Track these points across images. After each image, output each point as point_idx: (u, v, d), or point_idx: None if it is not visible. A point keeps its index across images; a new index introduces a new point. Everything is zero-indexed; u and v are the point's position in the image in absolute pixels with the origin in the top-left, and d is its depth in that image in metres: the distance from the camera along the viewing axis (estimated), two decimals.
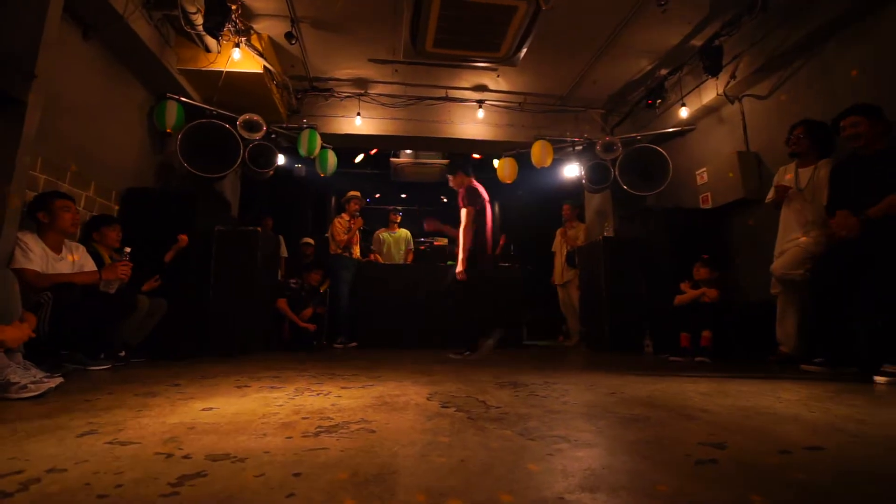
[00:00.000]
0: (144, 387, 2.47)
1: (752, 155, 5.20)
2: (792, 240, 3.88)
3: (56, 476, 1.14)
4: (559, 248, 7.16)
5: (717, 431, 1.55)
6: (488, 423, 1.68)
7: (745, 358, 4.31)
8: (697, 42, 5.44)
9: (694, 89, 5.85)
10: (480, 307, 4.61)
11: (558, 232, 7.28)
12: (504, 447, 1.39)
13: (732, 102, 5.47)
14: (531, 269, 8.25)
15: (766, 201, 4.17)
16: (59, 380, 2.30)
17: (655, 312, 5.14)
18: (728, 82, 5.30)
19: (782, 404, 2.03)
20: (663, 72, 6.07)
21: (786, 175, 4.05)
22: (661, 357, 4.66)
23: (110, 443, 1.41)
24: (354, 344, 6.08)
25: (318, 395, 2.27)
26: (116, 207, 4.63)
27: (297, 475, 1.14)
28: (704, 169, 5.72)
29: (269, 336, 5.46)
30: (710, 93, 5.63)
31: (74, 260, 3.43)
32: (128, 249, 3.55)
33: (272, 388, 2.48)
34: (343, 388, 2.50)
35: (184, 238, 4.50)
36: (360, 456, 1.29)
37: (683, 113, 5.93)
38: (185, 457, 1.27)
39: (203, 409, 1.90)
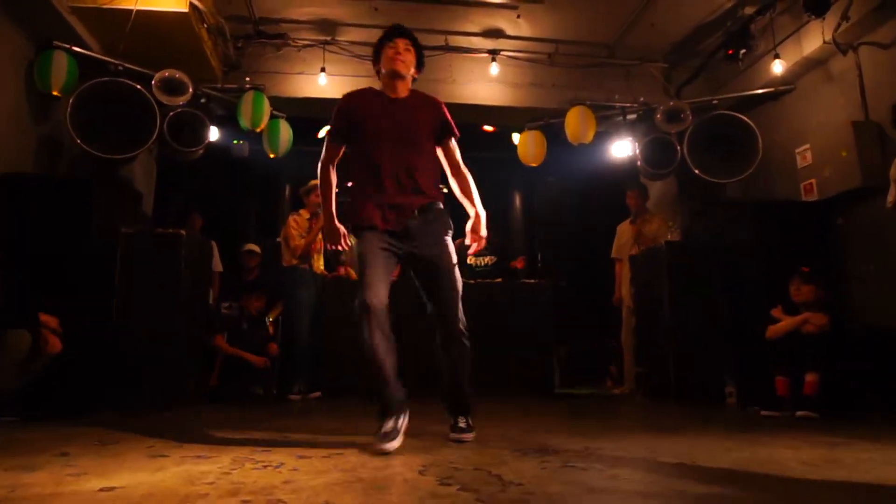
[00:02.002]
0: (17, 457, 2.45)
1: (872, 126, 5.18)
2: None
3: None
4: (625, 251, 6.98)
5: None
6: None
7: (867, 411, 4.29)
8: None
9: (791, 35, 5.86)
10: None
11: (623, 229, 7.10)
12: None
13: (845, 53, 5.47)
14: (565, 284, 8.25)
15: (889, 205, 4.17)
16: None
17: (740, 348, 5.11)
18: (839, 25, 5.29)
19: None
20: (749, 10, 6.08)
21: None
22: (748, 410, 4.63)
23: None
24: (317, 394, 6.05)
25: (264, 467, 2.25)
26: None
27: None
28: (807, 146, 5.71)
29: (199, 382, 5.45)
30: (813, 40, 5.63)
31: None
32: None
33: (199, 457, 2.46)
34: (301, 457, 2.48)
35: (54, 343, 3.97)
36: None
37: (777, 68, 5.94)
38: None
39: (101, 490, 1.88)
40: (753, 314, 4.90)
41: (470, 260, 6.92)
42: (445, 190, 3.29)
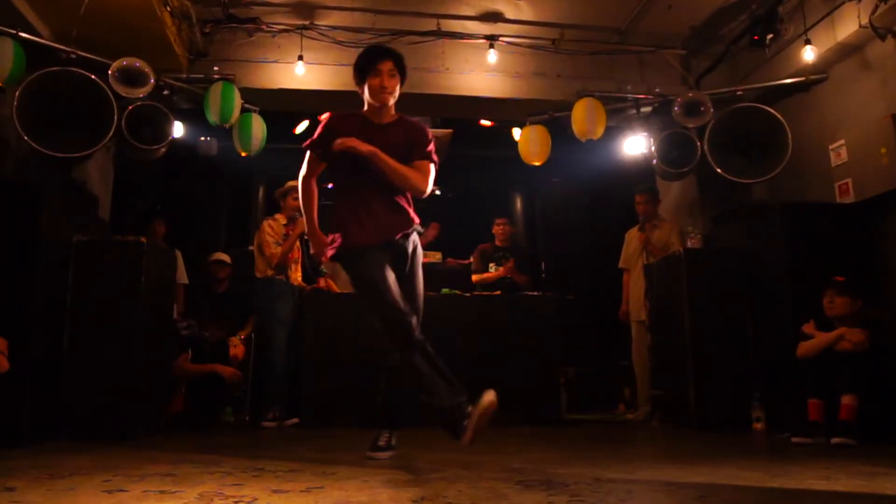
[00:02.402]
0: None
1: None
2: None
3: None
4: (634, 261, 7.04)
5: None
6: None
7: None
8: None
9: (824, 18, 5.90)
10: None
11: (631, 236, 7.12)
12: None
13: (884, 38, 5.50)
14: (572, 298, 8.26)
15: None
16: None
17: (768, 368, 5.13)
18: (876, 7, 5.32)
19: None
20: None
21: None
22: (777, 437, 4.64)
23: None
24: (294, 421, 6.05)
25: (235, 503, 2.25)
26: None
27: None
28: (842, 142, 5.75)
29: (159, 408, 5.44)
30: (848, 24, 5.67)
31: None
32: None
33: (163, 492, 2.46)
34: (275, 491, 2.48)
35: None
36: None
37: (808, 55, 5.97)
38: None
39: None
40: (783, 330, 4.92)
41: (492, 267, 7.04)
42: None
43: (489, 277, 7.09)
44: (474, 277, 7.14)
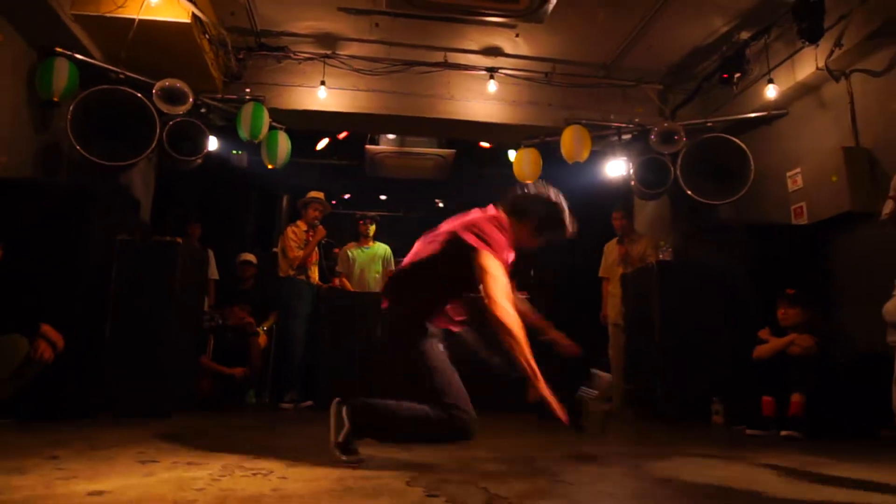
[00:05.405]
0: (8, 460, 2.46)
1: (862, 152, 5.23)
2: None
3: None
4: (612, 270, 7.05)
5: None
6: None
7: (850, 432, 4.30)
8: None
9: (785, 60, 5.91)
10: None
11: (610, 248, 7.14)
12: None
13: (837, 80, 5.52)
14: (559, 300, 8.24)
15: (883, 216, 4.19)
16: None
17: (729, 368, 5.13)
18: (831, 52, 5.34)
19: None
20: (744, 35, 6.14)
21: None
22: (735, 429, 4.64)
23: None
24: (309, 403, 6.05)
25: (254, 474, 2.26)
26: None
27: None
28: (798, 170, 5.76)
29: (190, 390, 5.45)
30: (806, 66, 5.68)
31: None
32: None
33: (190, 464, 2.47)
34: (291, 465, 2.50)
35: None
36: None
37: (771, 92, 5.98)
38: None
39: (90, 494, 1.89)
40: (742, 335, 4.92)
41: None
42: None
43: None
44: None
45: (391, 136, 8.79)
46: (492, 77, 6.80)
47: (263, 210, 10.45)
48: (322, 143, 9.26)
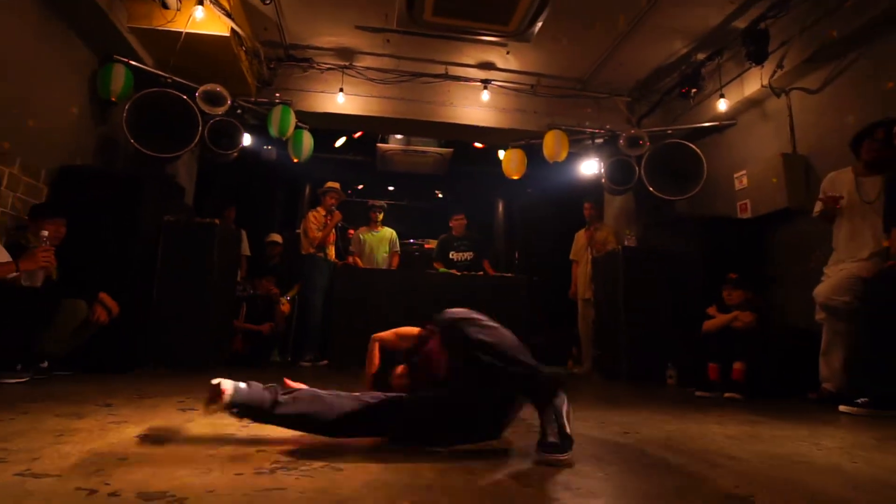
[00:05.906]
0: (68, 406, 2.45)
1: (799, 158, 5.24)
2: (845, 260, 3.90)
3: None
4: (581, 254, 7.08)
5: (744, 483, 1.55)
6: (473, 462, 1.67)
7: (783, 395, 4.32)
8: (741, 24, 5.49)
9: (735, 78, 5.89)
10: None
11: (579, 235, 7.20)
12: (493, 494, 1.38)
13: (779, 96, 5.51)
14: (538, 279, 8.25)
15: (815, 214, 4.19)
16: None
17: (681, 338, 5.15)
18: (774, 72, 5.34)
19: (822, 452, 2.03)
20: (700, 56, 6.11)
21: (840, 183, 4.05)
22: (685, 391, 4.66)
23: (21, 474, 1.39)
24: (325, 362, 6.07)
25: None
26: (45, 189, 4.60)
27: None
28: (744, 172, 5.76)
29: (223, 348, 5.45)
30: (753, 83, 5.67)
31: None
32: (45, 233, 3.51)
33: None
34: None
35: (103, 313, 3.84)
36: (321, 499, 1.28)
37: (722, 105, 5.97)
38: (113, 494, 1.26)
39: (138, 436, 1.88)
40: (694, 311, 4.93)
41: (452, 255, 6.91)
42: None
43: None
44: (436, 264, 6.97)
45: (399, 136, 8.80)
46: (485, 88, 6.78)
47: (289, 197, 10.44)
48: (340, 141, 9.23)
